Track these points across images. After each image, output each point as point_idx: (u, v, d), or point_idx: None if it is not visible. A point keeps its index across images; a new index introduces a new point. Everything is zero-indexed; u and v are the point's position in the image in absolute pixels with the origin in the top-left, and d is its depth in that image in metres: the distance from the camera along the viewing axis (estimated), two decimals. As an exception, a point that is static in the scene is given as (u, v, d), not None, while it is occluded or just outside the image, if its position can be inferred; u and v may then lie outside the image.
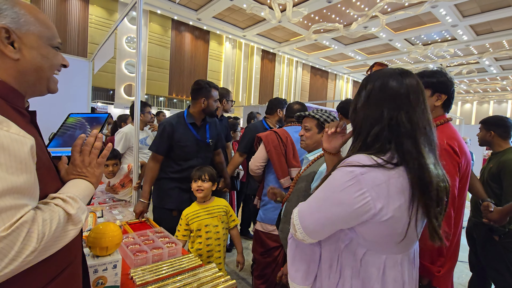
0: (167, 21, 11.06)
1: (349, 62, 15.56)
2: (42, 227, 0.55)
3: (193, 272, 1.19)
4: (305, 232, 0.78)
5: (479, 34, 10.58)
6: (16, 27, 0.62)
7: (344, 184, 0.71)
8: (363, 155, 0.73)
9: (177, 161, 2.00)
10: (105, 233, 1.02)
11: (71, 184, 0.71)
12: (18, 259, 0.51)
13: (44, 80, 0.69)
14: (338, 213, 0.72)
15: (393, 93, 0.75)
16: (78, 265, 0.78)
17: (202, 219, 1.71)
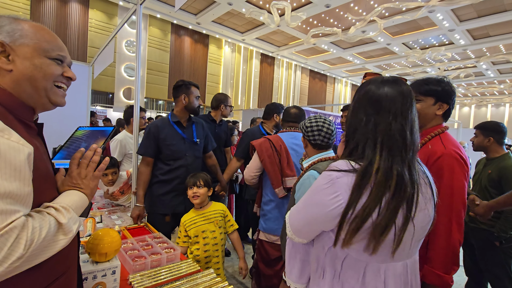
0: (166, 25, 11.12)
1: (347, 66, 15.65)
2: (31, 234, 0.56)
3: (191, 277, 1.20)
4: (292, 231, 0.85)
5: (476, 39, 10.69)
6: (11, 40, 0.67)
7: (322, 187, 0.75)
8: (343, 160, 0.77)
9: (166, 161, 2.01)
10: (104, 239, 1.03)
11: (66, 195, 0.72)
12: (4, 264, 0.52)
13: (41, 90, 0.70)
14: (315, 213, 0.77)
15: (369, 100, 0.77)
16: (72, 275, 0.78)
17: (199, 225, 1.71)
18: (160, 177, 2.00)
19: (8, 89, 0.66)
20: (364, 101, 0.78)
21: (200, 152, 2.18)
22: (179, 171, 2.02)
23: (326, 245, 0.80)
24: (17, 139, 0.58)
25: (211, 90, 12.67)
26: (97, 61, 3.44)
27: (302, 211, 0.81)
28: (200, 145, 2.16)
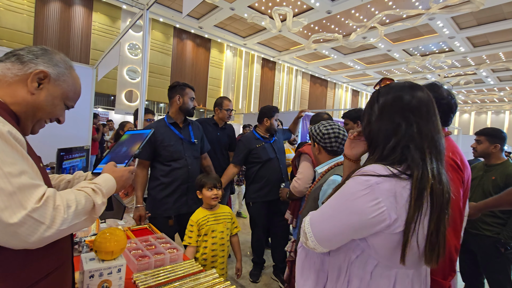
0: (169, 29, 11.23)
1: (348, 71, 15.75)
2: (67, 202, 0.65)
3: (194, 277, 1.22)
4: (317, 240, 0.77)
5: (476, 46, 10.78)
6: (55, 78, 0.79)
7: (359, 193, 0.71)
8: (378, 165, 0.75)
9: (166, 163, 2.03)
10: (110, 237, 1.06)
11: (106, 179, 0.83)
12: (53, 227, 0.61)
13: (36, 119, 0.79)
14: (351, 222, 0.72)
15: (405, 106, 0.77)
16: (67, 271, 0.81)
17: (210, 224, 1.76)
18: (161, 179, 2.02)
19: (13, 103, 0.73)
20: (398, 106, 0.77)
21: (198, 152, 2.21)
22: (180, 171, 2.04)
23: (354, 254, 0.77)
24: (11, 127, 0.63)
25: (212, 93, 12.73)
26: (101, 64, 3.49)
27: (334, 220, 0.75)
28: (197, 146, 2.19)
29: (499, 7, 7.81)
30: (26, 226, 0.57)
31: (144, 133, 1.05)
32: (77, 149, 2.80)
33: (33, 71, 0.74)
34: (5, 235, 0.56)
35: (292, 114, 6.75)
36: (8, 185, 0.56)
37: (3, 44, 7.56)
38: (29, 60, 0.75)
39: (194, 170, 2.11)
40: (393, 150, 0.76)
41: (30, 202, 0.58)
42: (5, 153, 0.58)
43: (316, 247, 0.78)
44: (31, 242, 0.58)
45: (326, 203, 0.80)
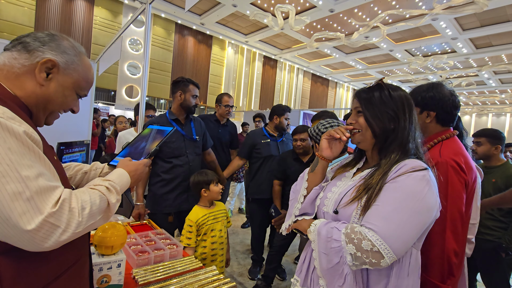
0: (170, 25, 11.18)
1: (349, 70, 15.71)
2: (82, 203, 0.63)
3: (194, 273, 1.22)
4: (396, 254, 0.71)
5: (479, 48, 10.75)
6: (64, 67, 0.74)
7: (424, 190, 0.74)
8: (415, 160, 0.82)
9: (167, 159, 2.01)
10: (111, 232, 1.05)
11: (119, 174, 0.82)
12: (68, 231, 0.60)
13: (48, 111, 0.76)
14: (425, 221, 0.74)
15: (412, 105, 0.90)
16: (84, 265, 0.80)
17: (209, 223, 1.73)
18: (162, 175, 2.01)
19: (24, 96, 0.70)
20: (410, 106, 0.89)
21: (200, 149, 2.19)
22: (181, 168, 2.02)
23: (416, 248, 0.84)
24: (28, 127, 0.61)
25: (213, 90, 12.70)
26: (102, 59, 3.47)
27: (413, 226, 0.72)
28: (199, 143, 2.17)
29: (503, 9, 7.77)
30: (42, 231, 0.56)
31: (165, 131, 1.05)
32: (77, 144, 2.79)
33: (40, 60, 0.70)
34: (22, 241, 0.56)
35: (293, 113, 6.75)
36: (26, 189, 0.55)
37: (4, 37, 7.52)
38: (36, 48, 0.70)
39: (195, 167, 2.10)
40: (411, 146, 0.85)
41: (47, 207, 0.57)
42: (22, 155, 0.57)
43: (391, 262, 0.72)
44: (47, 246, 0.58)
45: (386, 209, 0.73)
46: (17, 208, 0.54)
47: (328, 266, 0.77)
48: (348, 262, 0.73)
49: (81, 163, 1.00)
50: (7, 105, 0.62)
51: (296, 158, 2.35)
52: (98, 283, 1.00)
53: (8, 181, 0.54)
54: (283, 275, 2.74)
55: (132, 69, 10.27)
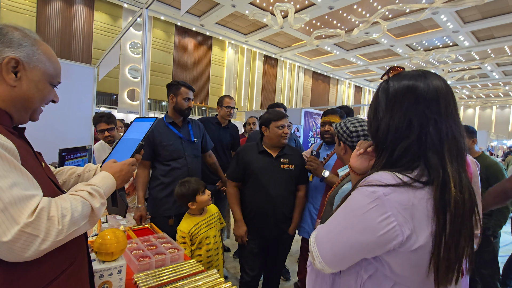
0: (170, 27, 11.21)
1: (350, 67, 15.63)
2: (61, 211, 0.62)
3: (195, 277, 1.22)
4: (324, 262, 0.68)
5: (481, 40, 10.63)
6: (27, 61, 0.71)
7: (365, 207, 0.61)
8: (385, 172, 0.64)
9: (165, 162, 2.01)
10: (110, 239, 1.05)
11: (102, 177, 0.81)
12: (48, 240, 0.59)
13: (31, 109, 0.75)
14: (360, 240, 0.62)
15: (419, 98, 0.64)
16: (81, 267, 0.80)
17: (203, 232, 1.68)
18: (161, 178, 2.01)
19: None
20: (411, 99, 0.65)
21: (198, 151, 2.19)
22: (180, 171, 2.03)
23: (366, 273, 0.67)
24: (3, 137, 0.61)
25: (214, 91, 12.72)
26: (103, 63, 3.49)
27: (341, 239, 0.65)
28: (197, 145, 2.17)
29: (504, 0, 7.67)
30: (20, 242, 0.56)
31: (149, 121, 1.03)
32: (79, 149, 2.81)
33: (1, 61, 0.67)
34: (1, 252, 0.56)
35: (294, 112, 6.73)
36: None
37: (6, 45, 7.59)
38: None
39: (194, 169, 2.10)
40: (404, 153, 0.64)
41: (23, 216, 0.57)
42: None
43: (324, 268, 0.70)
44: (27, 256, 0.58)
45: (333, 218, 0.70)
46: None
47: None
48: (309, 257, 0.76)
49: (75, 166, 1.00)
50: None
51: (263, 151, 1.91)
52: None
53: None
54: (287, 276, 2.74)
55: (133, 72, 10.32)
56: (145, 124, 1.03)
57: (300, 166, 1.94)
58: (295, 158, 1.94)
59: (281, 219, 1.90)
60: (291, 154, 1.95)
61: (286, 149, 1.95)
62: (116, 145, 1.02)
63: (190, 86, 2.11)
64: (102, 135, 2.41)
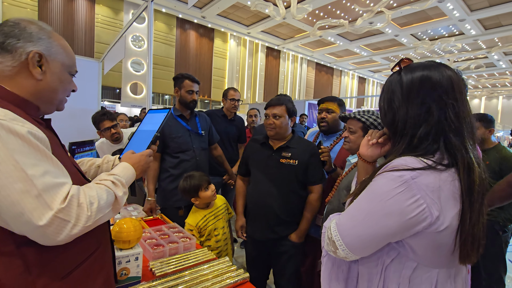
0: (171, 20, 11.12)
1: (354, 58, 15.45)
2: (89, 199, 0.66)
3: (209, 264, 1.26)
4: (349, 249, 0.69)
5: (488, 29, 10.42)
6: (48, 54, 0.74)
7: (393, 191, 0.63)
8: (410, 157, 0.66)
9: (174, 155, 2.05)
10: (127, 227, 1.09)
11: (123, 168, 0.84)
12: (78, 225, 0.63)
13: (56, 100, 0.79)
14: (388, 225, 0.64)
15: (436, 86, 0.67)
16: (105, 252, 0.85)
17: (211, 224, 1.70)
18: (170, 171, 2.05)
19: (26, 94, 0.71)
20: (427, 87, 0.68)
21: (206, 143, 2.22)
22: (189, 163, 2.06)
23: (388, 257, 0.69)
24: (31, 126, 0.64)
25: (217, 84, 12.68)
26: (107, 57, 3.50)
27: (368, 225, 0.66)
28: (205, 137, 2.20)
29: (513, -13, 7.49)
30: (53, 226, 0.60)
31: (162, 113, 1.05)
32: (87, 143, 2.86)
33: (26, 56, 0.70)
34: (35, 235, 0.60)
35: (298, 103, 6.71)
36: (33, 187, 0.58)
37: (9, 40, 7.61)
38: (14, 45, 0.69)
39: (202, 162, 2.14)
40: (424, 138, 0.67)
41: (56, 203, 0.60)
42: (26, 155, 0.59)
43: (348, 256, 0.70)
44: (59, 240, 0.62)
45: (354, 205, 0.71)
46: (27, 205, 0.57)
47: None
48: (324, 246, 0.78)
49: (93, 158, 1.03)
50: (9, 107, 0.65)
51: (264, 143, 1.76)
52: (118, 276, 1.05)
53: (15, 180, 0.57)
54: None
55: (135, 66, 10.30)
56: (159, 116, 1.06)
57: (308, 162, 1.65)
58: (300, 152, 1.66)
59: (275, 221, 1.65)
60: (295, 147, 1.67)
61: (292, 141, 1.70)
62: (132, 137, 1.05)
63: (194, 78, 2.12)
64: (108, 133, 2.34)
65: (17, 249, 0.62)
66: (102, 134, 2.38)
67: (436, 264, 0.66)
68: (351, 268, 0.77)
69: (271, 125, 1.66)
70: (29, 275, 0.63)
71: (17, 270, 0.62)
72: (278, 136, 1.69)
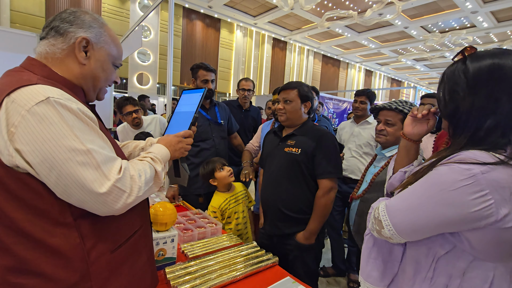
0: (178, 9, 11.01)
1: (362, 50, 15.24)
2: (138, 172, 0.72)
3: (237, 248, 1.31)
4: (396, 230, 0.69)
5: (500, 21, 10.19)
6: (95, 41, 0.78)
7: (457, 183, 0.61)
8: (480, 151, 0.64)
9: (194, 143, 2.04)
10: (164, 210, 1.14)
11: (158, 148, 0.88)
12: (133, 194, 0.69)
13: (97, 88, 0.83)
14: (445, 214, 0.63)
15: (507, 76, 0.64)
16: (148, 230, 0.90)
17: (232, 207, 1.78)
18: (191, 159, 2.10)
19: (73, 78, 0.76)
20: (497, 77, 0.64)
21: (225, 133, 2.26)
22: (209, 152, 2.11)
23: (442, 249, 0.68)
24: (82, 106, 0.69)
25: (223, 75, 12.63)
26: (121, 47, 3.51)
27: (421, 210, 0.65)
28: (224, 126, 2.23)
29: (529, -22, 7.30)
30: (112, 195, 0.66)
31: (198, 93, 1.05)
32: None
33: (74, 40, 0.74)
34: (96, 204, 0.65)
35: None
36: (92, 159, 0.64)
37: (17, 28, 7.61)
38: (66, 29, 0.74)
39: (222, 150, 2.17)
40: (492, 131, 0.65)
41: (113, 173, 0.66)
42: (84, 131, 0.65)
43: (393, 237, 0.70)
44: (117, 208, 0.68)
45: (409, 191, 0.70)
46: (89, 176, 0.63)
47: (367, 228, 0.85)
48: (369, 225, 0.80)
49: (137, 140, 1.08)
50: (63, 89, 0.69)
51: (275, 131, 1.69)
52: (155, 255, 1.10)
53: (77, 154, 0.62)
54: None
55: (142, 56, 10.28)
56: (195, 96, 1.05)
57: (315, 152, 1.47)
58: (306, 140, 1.50)
59: (278, 216, 1.53)
60: (304, 135, 1.52)
61: (301, 129, 1.56)
62: (170, 120, 1.07)
63: (208, 67, 2.14)
64: (130, 117, 2.47)
65: (74, 221, 0.68)
66: (124, 118, 2.50)
67: (494, 259, 0.65)
68: (393, 252, 0.77)
69: (281, 110, 1.55)
70: (84, 246, 0.68)
71: (74, 241, 0.67)
72: (289, 122, 1.57)
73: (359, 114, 2.52)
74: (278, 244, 1.58)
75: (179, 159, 0.98)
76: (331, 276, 2.60)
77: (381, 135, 1.37)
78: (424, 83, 21.55)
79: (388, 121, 1.34)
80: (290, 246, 1.53)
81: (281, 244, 1.57)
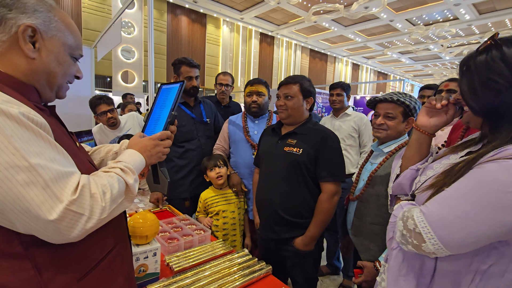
0: (162, 4, 10.69)
1: (348, 44, 15.30)
2: (101, 188, 0.59)
3: (227, 257, 1.22)
4: (443, 243, 0.59)
5: (482, 13, 10.40)
6: (44, 29, 0.64)
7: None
8: None
9: (179, 144, 1.97)
10: (144, 221, 1.03)
11: (130, 154, 0.76)
12: (93, 218, 0.57)
13: (55, 86, 0.69)
14: (504, 219, 0.55)
15: None
16: (125, 247, 0.79)
17: (220, 205, 1.75)
18: (175, 161, 1.98)
19: (20, 75, 0.62)
20: None
21: (211, 132, 2.15)
22: (194, 152, 2.00)
23: (488, 259, 0.60)
24: (28, 110, 0.55)
25: (210, 72, 12.40)
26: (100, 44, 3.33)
27: (476, 218, 0.56)
28: (210, 125, 2.12)
29: (510, -30, 7.43)
30: (66, 220, 0.53)
31: (174, 88, 0.91)
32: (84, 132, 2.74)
33: (16, 29, 0.60)
34: (46, 232, 0.53)
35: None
36: (38, 177, 0.51)
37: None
38: (3, 16, 0.59)
39: (208, 151, 2.07)
40: None
41: (67, 193, 0.53)
42: (26, 141, 0.51)
43: (438, 252, 0.61)
44: (73, 236, 0.55)
45: (450, 194, 0.62)
46: (34, 198, 0.50)
47: (387, 239, 0.76)
48: (396, 238, 0.69)
49: (110, 144, 0.95)
50: (4, 89, 0.57)
51: (274, 128, 1.58)
52: (136, 272, 1.00)
53: (17, 171, 0.49)
54: None
55: (126, 53, 9.93)
56: (173, 90, 0.92)
57: (318, 153, 1.38)
58: (308, 139, 1.40)
59: (275, 220, 1.44)
60: (305, 134, 1.43)
61: (303, 127, 1.46)
62: (149, 118, 0.94)
63: (191, 63, 2.00)
64: (104, 117, 2.27)
65: (25, 251, 0.55)
66: (99, 118, 2.30)
67: None
68: (425, 264, 0.68)
69: (282, 107, 1.44)
70: (41, 278, 0.56)
71: (26, 274, 0.55)
72: (291, 119, 1.46)
73: (337, 107, 2.51)
74: (275, 249, 1.49)
75: (157, 164, 0.86)
76: (325, 275, 2.56)
77: (381, 130, 1.27)
78: (409, 75, 21.91)
79: (389, 114, 1.23)
80: (288, 252, 1.44)
81: (278, 250, 1.48)
